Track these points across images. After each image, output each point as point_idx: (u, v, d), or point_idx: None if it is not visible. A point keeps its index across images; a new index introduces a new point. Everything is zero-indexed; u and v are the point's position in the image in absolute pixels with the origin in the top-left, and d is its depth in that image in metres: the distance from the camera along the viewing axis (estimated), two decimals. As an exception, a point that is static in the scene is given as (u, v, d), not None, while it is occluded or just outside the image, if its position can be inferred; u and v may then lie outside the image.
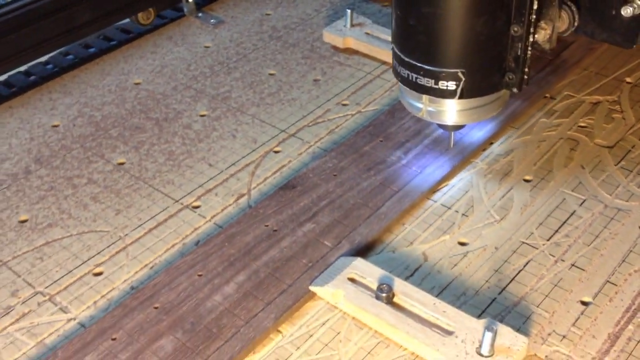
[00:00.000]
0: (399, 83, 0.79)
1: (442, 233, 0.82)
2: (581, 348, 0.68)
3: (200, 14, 1.27)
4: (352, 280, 0.73)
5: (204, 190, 0.90)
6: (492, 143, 0.93)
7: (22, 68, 1.14)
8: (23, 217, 0.87)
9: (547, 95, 1.01)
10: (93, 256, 0.81)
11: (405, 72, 0.77)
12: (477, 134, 0.93)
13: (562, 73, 1.04)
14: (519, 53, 0.73)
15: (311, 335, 0.71)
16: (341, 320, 0.72)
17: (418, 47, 0.74)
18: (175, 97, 1.07)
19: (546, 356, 0.68)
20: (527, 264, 0.77)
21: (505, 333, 0.66)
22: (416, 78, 0.76)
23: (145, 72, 1.13)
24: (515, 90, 0.75)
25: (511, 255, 0.78)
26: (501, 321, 0.70)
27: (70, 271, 0.79)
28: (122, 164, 0.95)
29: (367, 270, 0.74)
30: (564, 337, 0.69)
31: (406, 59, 0.75)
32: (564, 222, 0.82)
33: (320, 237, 0.81)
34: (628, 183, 0.86)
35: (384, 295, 0.70)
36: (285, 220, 0.83)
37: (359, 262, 0.75)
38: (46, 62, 1.17)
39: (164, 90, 1.08)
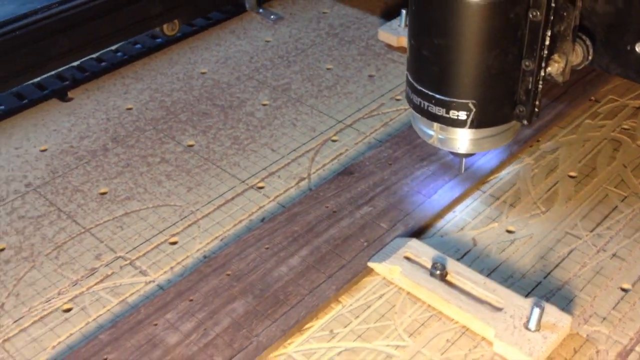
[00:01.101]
0: (412, 110, 0.81)
1: (491, 221, 0.88)
2: (620, 329, 0.74)
3: (261, 10, 1.34)
4: (407, 258, 0.80)
5: (267, 173, 0.97)
6: (539, 141, 0.99)
7: (94, 55, 1.22)
8: (103, 190, 0.94)
9: (592, 98, 1.06)
10: (168, 227, 0.89)
11: (417, 100, 0.78)
12: (526, 131, 0.99)
13: (606, 78, 1.09)
14: (530, 87, 0.74)
15: (369, 307, 0.77)
16: (396, 295, 0.79)
17: (430, 77, 0.76)
18: (239, 86, 1.14)
19: (587, 335, 0.73)
20: (570, 252, 0.83)
21: (551, 311, 0.72)
22: (428, 106, 0.77)
23: (210, 63, 1.20)
24: (525, 122, 0.76)
25: (556, 244, 0.84)
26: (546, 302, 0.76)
27: (148, 239, 0.87)
28: (191, 146, 1.02)
29: (422, 250, 0.80)
30: (604, 319, 0.75)
31: (419, 87, 0.77)
32: (607, 216, 0.87)
33: (377, 219, 0.87)
34: (668, 183, 0.92)
35: (438, 272, 0.76)
36: (344, 203, 0.90)
37: (413, 242, 0.81)
38: (116, 50, 1.25)
39: (228, 80, 1.16)
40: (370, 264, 0.80)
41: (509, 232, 0.86)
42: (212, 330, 0.74)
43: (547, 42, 0.72)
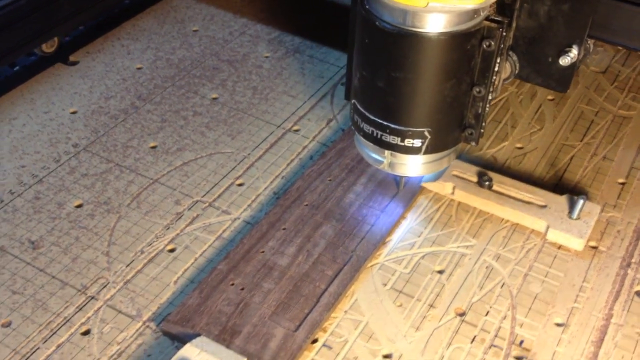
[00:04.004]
0: (357, 135, 0.83)
1: (501, 141, 1.04)
2: (629, 212, 0.93)
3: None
4: (455, 175, 0.94)
5: (297, 117, 1.07)
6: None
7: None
8: (152, 144, 1.00)
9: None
10: (229, 172, 0.96)
11: (369, 129, 0.79)
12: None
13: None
14: (479, 111, 0.78)
15: (431, 219, 0.91)
16: (450, 207, 0.93)
17: (385, 107, 0.76)
18: (235, 42, 1.21)
19: (607, 220, 0.92)
20: (571, 159, 1.01)
21: (584, 204, 0.89)
22: (381, 135, 0.78)
23: (198, 20, 1.26)
24: (473, 144, 0.81)
25: (558, 154, 1.02)
26: (567, 199, 0.94)
27: (216, 183, 0.94)
28: (215, 98, 1.09)
29: (466, 167, 0.95)
30: (614, 206, 0.94)
31: (371, 117, 0.78)
32: (588, 128, 1.06)
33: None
34: (624, 98, 1.13)
35: (486, 183, 0.92)
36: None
37: (456, 161, 0.96)
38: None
39: (223, 36, 1.22)
40: (424, 184, 0.94)
41: (519, 148, 1.03)
42: (313, 251, 0.85)
43: (497, 69, 0.76)
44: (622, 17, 0.84)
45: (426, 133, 0.77)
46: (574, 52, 0.81)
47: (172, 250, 0.85)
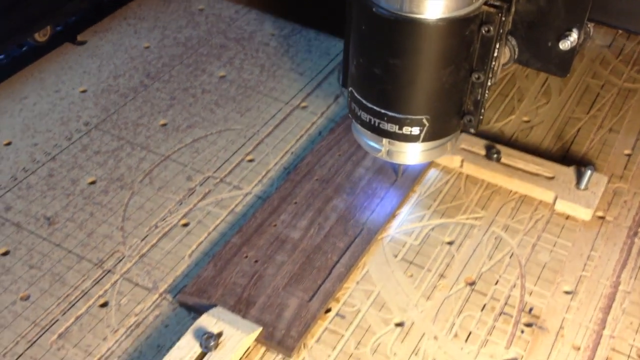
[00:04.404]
0: (355, 123, 0.82)
1: (508, 114, 1.05)
2: (634, 183, 0.94)
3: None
4: (463, 149, 0.95)
5: (305, 94, 1.08)
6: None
7: None
8: (162, 122, 1.01)
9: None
10: (239, 148, 0.97)
11: (366, 117, 0.78)
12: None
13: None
14: (478, 97, 0.76)
15: (440, 191, 0.92)
16: (458, 180, 0.94)
17: (383, 95, 0.75)
18: (242, 20, 1.22)
19: (613, 190, 0.93)
20: (578, 131, 1.02)
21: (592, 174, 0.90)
22: (379, 123, 0.77)
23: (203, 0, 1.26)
24: (472, 130, 0.79)
25: (565, 126, 1.03)
26: (574, 170, 0.95)
27: (227, 159, 0.96)
28: (223, 76, 1.10)
29: (474, 141, 0.95)
30: (621, 177, 0.95)
31: (369, 105, 0.77)
32: (594, 101, 1.07)
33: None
34: (629, 71, 1.13)
35: (495, 156, 0.93)
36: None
37: (464, 135, 0.97)
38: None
39: (229, 14, 1.23)
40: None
41: (526, 121, 1.04)
42: (325, 224, 0.86)
43: (496, 54, 0.74)
44: (623, 0, 0.83)
45: (424, 120, 0.76)
46: (574, 36, 0.80)
47: (185, 225, 0.87)
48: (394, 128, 0.76)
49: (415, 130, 0.76)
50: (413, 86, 0.73)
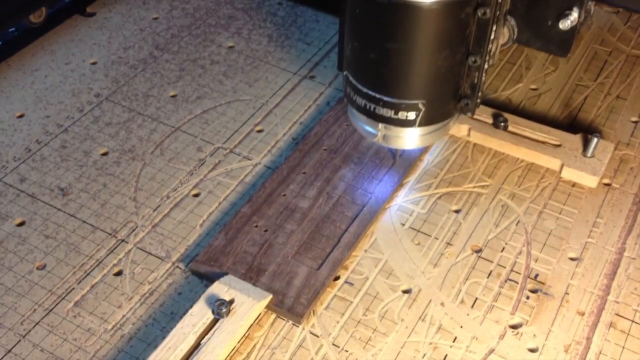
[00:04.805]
0: (351, 108, 0.81)
1: (516, 83, 1.05)
2: (641, 150, 0.95)
3: None
4: (470, 118, 0.96)
5: (313, 64, 1.08)
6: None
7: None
8: (172, 93, 1.02)
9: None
10: (248, 118, 0.99)
11: (362, 102, 0.77)
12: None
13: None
14: (475, 81, 0.75)
15: (447, 160, 0.93)
16: (465, 148, 0.95)
17: (378, 79, 0.74)
18: (249, -11, 1.22)
19: (620, 157, 0.94)
20: (585, 98, 1.02)
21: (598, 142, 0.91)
22: (374, 108, 0.76)
23: (211, -31, 1.26)
24: (469, 114, 0.79)
25: (572, 94, 1.03)
26: (581, 138, 0.95)
27: (237, 130, 0.97)
28: (232, 47, 1.10)
29: (481, 109, 0.96)
30: (627, 144, 0.96)
31: (364, 90, 0.76)
32: (602, 68, 1.07)
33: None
34: (637, 37, 1.13)
35: (502, 124, 0.93)
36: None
37: (469, 104, 0.97)
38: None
39: (237, -16, 1.23)
40: (440, 126, 0.96)
41: (533, 89, 1.04)
42: (333, 193, 0.87)
43: (492, 37, 0.73)
44: (622, -21, 0.82)
45: (420, 105, 0.75)
46: (574, 15, 0.78)
47: (196, 195, 0.88)
48: (390, 113, 0.76)
49: (411, 115, 0.76)
50: (408, 71, 0.73)
